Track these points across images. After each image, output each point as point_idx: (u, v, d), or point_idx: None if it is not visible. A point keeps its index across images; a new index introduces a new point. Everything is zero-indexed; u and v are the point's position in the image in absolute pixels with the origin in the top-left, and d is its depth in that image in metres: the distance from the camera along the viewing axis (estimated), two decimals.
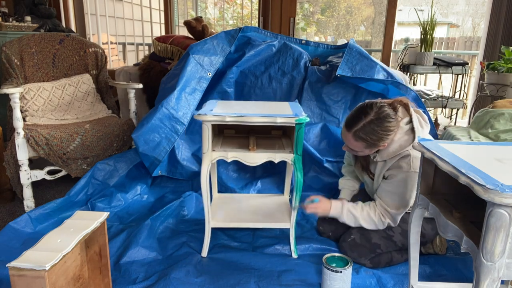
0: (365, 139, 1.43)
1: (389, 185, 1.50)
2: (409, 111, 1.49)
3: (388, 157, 1.48)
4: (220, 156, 1.55)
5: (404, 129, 1.46)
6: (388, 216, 1.52)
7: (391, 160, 1.48)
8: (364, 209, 1.55)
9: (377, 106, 1.43)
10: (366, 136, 1.42)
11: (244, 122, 1.49)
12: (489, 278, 0.86)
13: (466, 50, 6.51)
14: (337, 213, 1.58)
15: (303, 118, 1.48)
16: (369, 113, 1.42)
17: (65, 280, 1.12)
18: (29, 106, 2.44)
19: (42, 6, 3.50)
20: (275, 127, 1.83)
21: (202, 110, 1.53)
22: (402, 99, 1.52)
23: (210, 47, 2.28)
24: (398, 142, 1.45)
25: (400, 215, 1.52)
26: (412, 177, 1.44)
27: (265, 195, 2.04)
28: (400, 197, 1.48)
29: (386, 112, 1.42)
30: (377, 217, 1.53)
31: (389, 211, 1.51)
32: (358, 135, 1.43)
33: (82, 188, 2.12)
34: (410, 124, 1.46)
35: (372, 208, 1.55)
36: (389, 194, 1.51)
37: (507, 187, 0.81)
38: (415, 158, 1.43)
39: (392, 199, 1.50)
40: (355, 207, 1.56)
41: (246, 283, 1.47)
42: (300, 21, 7.66)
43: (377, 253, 1.58)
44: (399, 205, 1.50)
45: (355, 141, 1.46)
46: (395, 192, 1.49)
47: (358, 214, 1.55)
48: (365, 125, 1.41)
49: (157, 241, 1.76)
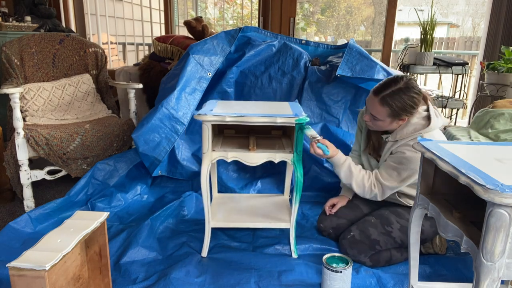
0: (390, 104, 1.48)
1: (392, 159, 1.54)
2: (427, 101, 1.56)
3: (401, 137, 1.53)
4: (220, 156, 1.55)
5: (422, 115, 1.53)
6: (378, 187, 1.56)
7: (403, 141, 1.53)
8: (361, 172, 1.59)
9: (407, 78, 1.50)
10: (392, 102, 1.47)
11: (244, 122, 1.49)
12: (489, 278, 0.86)
13: (466, 50, 6.51)
14: (339, 162, 1.58)
15: (303, 118, 1.48)
16: (399, 82, 1.49)
17: (65, 280, 1.12)
18: (29, 106, 2.44)
19: (42, 6, 3.50)
20: (275, 127, 1.83)
21: (202, 110, 1.53)
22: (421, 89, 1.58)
23: (210, 47, 2.28)
24: (413, 126, 1.51)
25: (391, 190, 1.56)
26: (417, 158, 1.47)
27: (265, 195, 2.04)
28: (398, 173, 1.51)
29: (414, 84, 1.50)
30: (369, 184, 1.57)
31: (381, 181, 1.55)
32: (385, 100, 1.48)
33: (82, 188, 2.12)
34: (427, 112, 1.53)
35: (367, 174, 1.59)
36: (389, 167, 1.54)
37: (507, 187, 0.81)
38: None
39: (390, 173, 1.54)
40: (355, 167, 1.59)
41: (246, 283, 1.48)
42: (300, 21, 7.66)
43: (376, 250, 1.59)
44: (393, 180, 1.53)
45: (381, 107, 1.50)
46: (395, 167, 1.52)
47: (355, 173, 1.57)
48: (394, 92, 1.47)
49: (157, 241, 1.76)
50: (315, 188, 2.30)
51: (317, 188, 2.30)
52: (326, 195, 2.26)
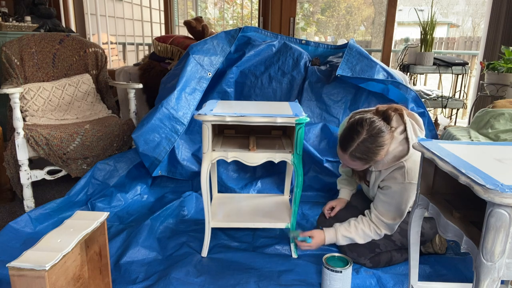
0: (361, 158, 1.42)
1: (384, 196, 1.50)
2: (403, 118, 1.47)
3: (383, 167, 1.48)
4: (220, 156, 1.55)
5: (399, 139, 1.45)
6: (384, 226, 1.53)
7: (386, 171, 1.48)
8: (358, 227, 1.55)
9: (367, 123, 1.40)
10: (362, 155, 1.42)
11: (244, 122, 1.49)
12: (489, 278, 0.86)
13: (466, 50, 6.51)
14: (333, 241, 1.58)
15: (303, 118, 1.48)
16: (361, 132, 1.39)
17: (65, 280, 1.12)
18: (29, 106, 2.44)
19: (42, 6, 3.50)
20: (275, 127, 1.83)
21: (202, 110, 1.53)
22: (397, 106, 1.50)
23: (210, 47, 2.28)
24: (393, 153, 1.45)
25: (397, 224, 1.52)
26: (407, 188, 1.44)
27: (265, 195, 2.04)
28: (396, 207, 1.48)
29: (377, 127, 1.40)
30: (372, 231, 1.54)
31: (385, 221, 1.51)
32: (354, 155, 1.42)
33: (82, 188, 2.12)
34: (404, 133, 1.45)
35: (365, 223, 1.55)
36: (384, 205, 1.51)
37: (507, 187, 0.81)
38: (410, 169, 1.43)
39: (388, 209, 1.50)
40: (349, 229, 1.56)
41: (246, 283, 1.47)
42: (300, 21, 7.66)
43: (376, 253, 1.58)
44: (394, 215, 1.50)
45: (353, 161, 1.45)
46: (390, 203, 1.49)
47: (353, 235, 1.55)
48: (359, 145, 1.40)
49: (157, 241, 1.76)
50: (315, 188, 2.30)
51: (317, 188, 2.31)
52: (326, 195, 2.27)
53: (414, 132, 1.46)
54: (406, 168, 1.43)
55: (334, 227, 1.59)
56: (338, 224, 1.60)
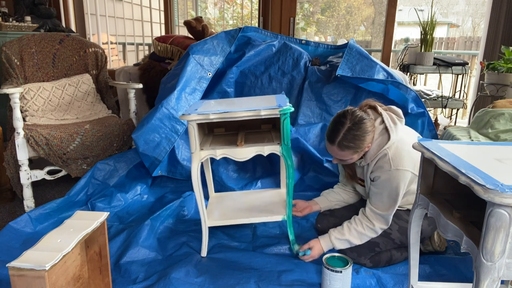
0: (349, 146, 1.46)
1: (375, 187, 1.52)
2: (377, 111, 1.53)
3: (370, 159, 1.51)
4: (209, 154, 1.55)
5: (379, 129, 1.50)
6: (379, 219, 1.53)
7: (372, 162, 1.52)
8: (351, 227, 1.56)
9: (349, 113, 1.47)
10: (349, 143, 1.45)
11: (228, 118, 1.49)
12: (489, 278, 0.86)
13: (466, 50, 6.51)
14: (330, 247, 1.59)
15: (287, 108, 1.48)
16: (345, 122, 1.46)
17: (65, 280, 1.12)
18: (29, 106, 2.44)
19: (42, 6, 3.50)
20: (265, 121, 1.83)
21: (187, 110, 1.54)
22: (368, 101, 1.56)
23: (210, 47, 2.28)
24: (376, 143, 1.50)
25: (391, 215, 1.53)
26: (395, 176, 1.46)
27: (261, 190, 2.03)
28: (388, 196, 1.50)
29: (359, 115, 1.46)
30: (365, 228, 1.54)
31: (379, 212, 1.52)
32: (343, 145, 1.46)
33: (82, 188, 2.12)
34: (383, 124, 1.50)
35: (357, 221, 1.56)
36: (377, 196, 1.52)
37: (507, 187, 0.81)
38: (394, 156, 1.46)
39: (380, 200, 1.52)
40: (342, 232, 1.57)
41: (246, 283, 1.47)
42: (300, 21, 7.66)
43: (376, 252, 1.59)
44: (387, 205, 1.51)
45: (342, 151, 1.48)
46: (381, 193, 1.51)
47: (347, 236, 1.56)
48: (345, 134, 1.45)
49: (157, 241, 1.76)
50: (315, 188, 2.30)
51: (317, 188, 2.30)
52: None
53: (392, 121, 1.50)
54: (390, 155, 1.46)
55: (328, 233, 1.60)
56: (332, 229, 1.61)
